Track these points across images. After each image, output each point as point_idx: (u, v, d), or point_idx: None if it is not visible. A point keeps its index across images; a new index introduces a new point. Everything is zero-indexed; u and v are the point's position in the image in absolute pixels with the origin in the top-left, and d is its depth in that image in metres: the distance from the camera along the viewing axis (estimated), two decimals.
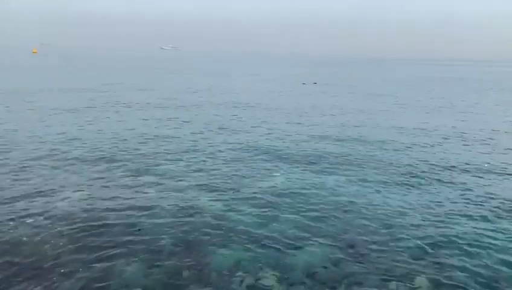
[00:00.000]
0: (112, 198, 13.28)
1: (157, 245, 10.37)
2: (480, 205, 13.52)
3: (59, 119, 25.95)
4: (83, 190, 13.79)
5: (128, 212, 12.25)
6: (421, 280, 9.11)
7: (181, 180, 15.10)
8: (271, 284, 8.92)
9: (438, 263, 9.90)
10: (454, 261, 9.98)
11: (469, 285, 9.05)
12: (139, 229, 11.13)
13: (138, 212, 12.24)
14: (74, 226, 11.20)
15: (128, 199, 13.20)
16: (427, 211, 12.95)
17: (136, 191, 13.91)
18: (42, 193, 13.37)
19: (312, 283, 9.02)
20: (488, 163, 18.33)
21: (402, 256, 10.21)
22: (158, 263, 9.56)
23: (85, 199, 12.99)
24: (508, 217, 12.55)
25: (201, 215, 12.19)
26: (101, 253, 9.88)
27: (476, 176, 16.57)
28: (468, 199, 14.05)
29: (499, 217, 12.52)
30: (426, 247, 10.67)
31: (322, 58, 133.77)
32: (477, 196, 14.27)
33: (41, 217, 11.59)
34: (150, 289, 8.66)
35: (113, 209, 12.35)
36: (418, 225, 11.95)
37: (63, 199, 12.91)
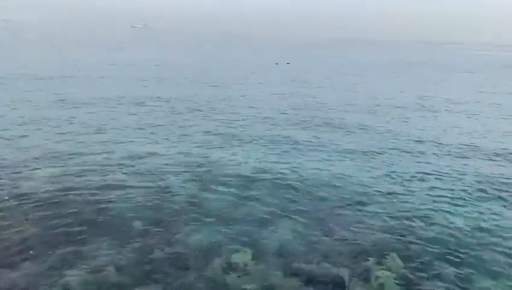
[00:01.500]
0: (82, 178, 13.04)
1: (129, 226, 10.32)
2: (448, 182, 14.11)
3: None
4: (51, 170, 13.46)
5: (99, 192, 12.09)
6: (392, 256, 9.45)
7: (153, 162, 14.95)
8: (244, 261, 9.07)
9: (407, 239, 10.30)
10: (422, 236, 10.42)
11: (436, 258, 9.49)
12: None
13: (109, 193, 12.09)
14: (42, 207, 10.97)
15: (98, 179, 12.99)
16: (396, 188, 13.41)
17: (107, 172, 13.69)
18: (7, 172, 13.02)
19: (285, 260, 9.22)
20: (457, 142, 19.00)
21: (373, 233, 10.57)
22: (130, 244, 9.51)
23: (53, 179, 12.70)
24: (476, 194, 13.18)
25: (173, 196, 12.16)
26: (70, 234, 9.75)
27: (446, 154, 17.21)
28: (435, 175, 14.61)
29: (466, 193, 13.15)
30: (396, 223, 11.08)
31: (301, 40, 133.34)
32: (444, 174, 14.86)
33: (6, 197, 11.32)
34: (122, 269, 8.63)
35: (83, 190, 12.15)
36: (387, 202, 12.38)
37: (29, 179, 12.59)
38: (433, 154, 17.33)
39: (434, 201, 12.52)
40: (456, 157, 17.14)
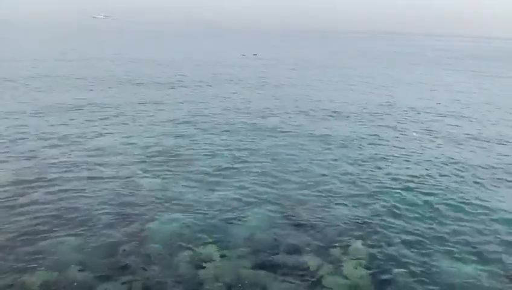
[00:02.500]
0: (41, 173, 12.58)
1: (93, 221, 10.08)
2: (411, 167, 14.58)
3: None
4: (9, 165, 12.94)
5: (60, 188, 11.70)
6: (356, 244, 9.71)
7: (117, 155, 14.61)
8: (211, 252, 9.07)
9: (372, 226, 10.61)
10: (386, 222, 10.75)
11: (398, 245, 9.83)
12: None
13: (70, 188, 11.74)
14: (2, 199, 10.55)
15: (59, 175, 12.56)
16: (363, 176, 13.75)
17: (68, 167, 13.25)
18: None
19: (253, 250, 9.27)
20: (416, 131, 19.66)
21: (339, 221, 10.80)
22: (94, 239, 9.30)
23: (11, 177, 12.18)
24: (440, 179, 13.66)
25: (139, 189, 11.95)
26: (31, 232, 9.43)
27: (410, 139, 17.77)
28: (399, 162, 15.07)
29: (430, 178, 13.61)
30: (361, 211, 11.38)
31: (267, 30, 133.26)
32: (407, 160, 15.36)
33: None
34: (87, 263, 8.43)
35: (44, 185, 11.74)
36: (353, 190, 12.68)
37: None
38: (396, 139, 17.87)
39: (398, 188, 12.94)
40: (419, 141, 17.75)
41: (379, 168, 14.60)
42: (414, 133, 19.24)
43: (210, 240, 9.52)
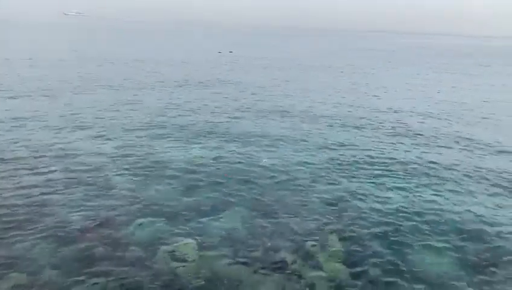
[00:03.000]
0: (13, 178, 12.19)
1: (66, 224, 9.84)
2: (385, 162, 14.91)
3: None
4: None
5: (32, 192, 11.39)
6: (332, 238, 9.85)
7: (91, 156, 14.33)
8: (187, 252, 9.02)
9: (346, 220, 10.78)
10: (360, 216, 10.94)
11: (374, 237, 10.02)
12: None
13: (43, 192, 11.45)
14: None
15: (31, 178, 12.24)
16: (336, 171, 13.96)
17: (40, 169, 12.94)
18: None
19: (230, 249, 9.29)
20: (392, 124, 20.08)
21: (313, 216, 10.94)
22: (68, 243, 9.11)
23: None
24: (413, 173, 14.01)
25: (113, 191, 11.76)
26: (2, 237, 9.13)
27: (387, 134, 18.13)
28: (372, 158, 15.38)
29: (403, 173, 13.93)
30: (335, 205, 11.54)
31: (244, 28, 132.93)
32: (381, 156, 15.69)
33: None
34: (61, 269, 8.25)
35: (15, 190, 11.38)
36: (327, 185, 12.85)
37: None
38: (370, 137, 18.21)
39: (371, 182, 13.20)
40: (392, 136, 18.14)
41: (355, 164, 14.84)
42: (392, 130, 19.67)
43: (187, 240, 9.48)
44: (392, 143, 17.40)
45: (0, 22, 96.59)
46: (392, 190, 12.68)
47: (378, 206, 11.63)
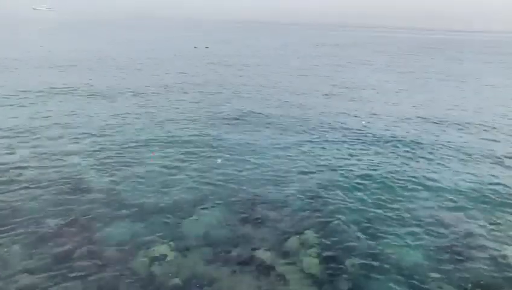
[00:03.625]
0: None
1: (40, 226, 9.73)
2: (362, 155, 15.16)
3: None
4: None
5: (4, 193, 11.13)
6: (309, 234, 10.04)
7: (65, 156, 14.08)
8: (165, 252, 9.06)
9: (323, 215, 10.98)
10: (335, 213, 11.11)
11: (351, 231, 10.29)
12: None
13: (15, 193, 11.22)
14: None
15: (2, 179, 11.94)
16: (311, 165, 14.17)
17: (12, 171, 12.62)
18: None
19: (208, 248, 9.36)
20: (364, 120, 20.43)
21: (291, 212, 11.11)
22: (42, 245, 9.02)
23: None
24: (389, 164, 14.25)
25: (89, 191, 11.64)
26: None
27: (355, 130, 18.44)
28: (347, 151, 15.61)
29: (378, 165, 14.16)
30: (311, 201, 11.73)
31: (217, 23, 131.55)
32: (358, 149, 15.91)
33: None
34: (35, 272, 8.16)
35: None
36: (302, 180, 13.06)
37: None
38: (345, 127, 18.50)
39: (346, 177, 13.45)
40: (367, 128, 18.50)
41: (330, 157, 15.12)
42: (363, 122, 20.04)
43: (164, 240, 9.51)
44: (360, 135, 17.75)
45: None
46: (368, 182, 12.94)
47: (354, 199, 11.90)
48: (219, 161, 12.02)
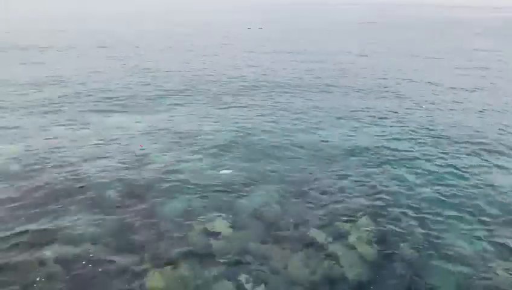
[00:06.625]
0: (52, 150, 12.82)
1: (104, 198, 10.28)
2: (418, 140, 14.45)
3: None
4: (18, 143, 13.10)
5: (71, 166, 11.93)
6: (363, 218, 9.76)
7: (125, 132, 14.77)
8: (220, 228, 9.24)
9: (379, 199, 10.64)
10: (392, 199, 10.72)
11: (407, 217, 9.86)
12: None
13: (80, 166, 11.95)
14: (13, 183, 10.75)
15: (68, 153, 12.78)
16: (369, 150, 13.73)
17: (78, 144, 13.50)
18: None
19: (262, 226, 9.41)
20: (424, 105, 19.42)
21: (345, 194, 10.87)
22: (105, 215, 9.52)
23: (21, 156, 12.41)
24: (450, 148, 13.52)
25: (147, 166, 12.13)
26: (44, 209, 9.66)
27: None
28: (408, 136, 14.91)
29: (437, 149, 13.46)
30: (367, 184, 11.41)
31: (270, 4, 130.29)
32: (413, 131, 15.21)
33: None
34: (99, 241, 8.65)
35: (54, 164, 11.94)
36: (359, 163, 12.73)
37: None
38: (405, 113, 17.70)
39: (406, 160, 12.94)
40: (426, 113, 17.59)
41: (388, 140, 14.61)
42: (423, 106, 19.08)
43: (218, 216, 9.70)
44: (429, 127, 16.87)
45: None
46: (429, 173, 12.23)
47: (413, 184, 11.41)
48: (223, 171, 11.83)
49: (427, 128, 16.09)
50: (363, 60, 32.56)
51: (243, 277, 7.76)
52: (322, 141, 14.52)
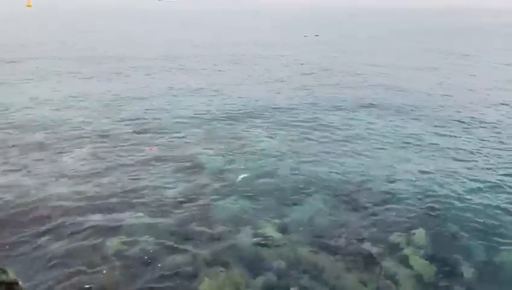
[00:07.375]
0: (114, 154, 13.48)
1: (161, 200, 10.67)
2: (478, 156, 13.75)
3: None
4: (86, 148, 13.97)
5: (132, 167, 12.52)
6: (419, 233, 9.43)
7: (181, 138, 15.27)
8: (271, 233, 9.30)
9: (435, 214, 10.24)
10: (450, 214, 10.29)
11: (465, 235, 9.41)
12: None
13: (141, 167, 12.51)
14: (81, 182, 11.46)
15: (131, 156, 13.42)
16: (426, 163, 13.21)
17: (137, 148, 14.11)
18: (50, 151, 13.56)
19: (312, 234, 9.36)
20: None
21: (400, 208, 10.55)
22: (164, 216, 9.89)
23: (89, 157, 13.20)
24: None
25: (202, 170, 12.45)
26: (107, 206, 10.22)
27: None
28: (470, 151, 14.23)
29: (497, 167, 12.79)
30: (424, 198, 10.99)
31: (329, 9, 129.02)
32: (475, 149, 14.46)
33: (47, 172, 11.88)
34: (157, 236, 9.04)
35: (117, 166, 12.57)
36: (415, 177, 12.25)
37: (69, 157, 13.09)
38: (475, 127, 16.82)
39: (465, 177, 12.30)
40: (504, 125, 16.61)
41: (449, 156, 13.97)
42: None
43: (270, 222, 9.75)
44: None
45: None
46: (496, 190, 11.57)
47: (472, 201, 10.84)
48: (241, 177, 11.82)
49: (490, 146, 15.20)
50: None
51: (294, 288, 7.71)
52: (377, 151, 14.25)
